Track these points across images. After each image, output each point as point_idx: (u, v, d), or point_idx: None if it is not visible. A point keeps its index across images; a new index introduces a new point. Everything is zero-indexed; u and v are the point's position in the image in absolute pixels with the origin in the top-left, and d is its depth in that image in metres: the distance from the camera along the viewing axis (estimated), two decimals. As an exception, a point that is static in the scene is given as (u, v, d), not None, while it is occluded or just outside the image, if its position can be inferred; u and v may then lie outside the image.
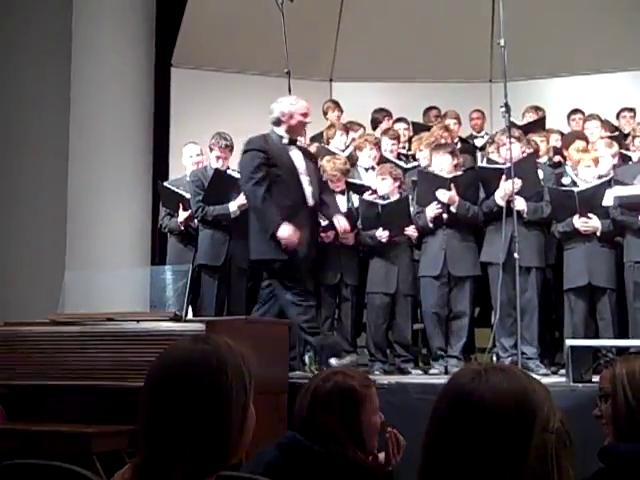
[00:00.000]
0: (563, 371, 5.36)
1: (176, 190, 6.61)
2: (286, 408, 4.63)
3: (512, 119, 6.43)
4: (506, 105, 5.54)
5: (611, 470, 2.25)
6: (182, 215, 6.48)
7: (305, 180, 5.72)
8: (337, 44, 9.98)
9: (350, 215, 6.14)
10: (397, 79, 9.71)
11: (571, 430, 1.47)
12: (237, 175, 6.23)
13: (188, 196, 6.47)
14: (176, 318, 4.67)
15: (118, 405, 4.31)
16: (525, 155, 6.20)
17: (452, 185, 6.06)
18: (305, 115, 5.78)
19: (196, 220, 6.49)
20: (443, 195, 6.07)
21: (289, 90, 6.57)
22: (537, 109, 8.06)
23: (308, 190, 5.72)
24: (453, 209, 6.09)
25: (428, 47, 9.60)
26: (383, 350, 6.36)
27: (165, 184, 6.93)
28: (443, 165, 6.27)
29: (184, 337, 1.85)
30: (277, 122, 5.75)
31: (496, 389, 1.43)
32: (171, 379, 1.60)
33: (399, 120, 8.16)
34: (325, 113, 8.29)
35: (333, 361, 5.41)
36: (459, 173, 6.24)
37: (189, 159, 6.96)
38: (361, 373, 2.91)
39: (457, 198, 6.06)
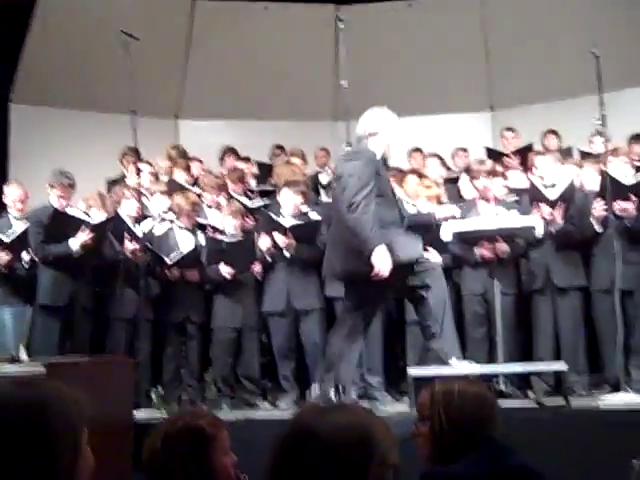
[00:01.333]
0: (407, 400, 5.48)
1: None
2: (131, 447, 4.50)
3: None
4: (349, 144, 5.69)
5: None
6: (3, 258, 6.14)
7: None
8: (185, 81, 9.98)
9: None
10: (243, 118, 9.80)
11: (414, 457, 1.52)
12: (78, 214, 6.08)
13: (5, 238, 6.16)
14: (14, 360, 4.49)
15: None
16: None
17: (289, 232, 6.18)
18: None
19: (37, 259, 6.25)
20: (279, 239, 6.19)
21: (134, 129, 6.48)
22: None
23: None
24: (287, 254, 6.21)
25: (274, 86, 9.76)
26: (231, 385, 6.34)
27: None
28: (291, 202, 6.39)
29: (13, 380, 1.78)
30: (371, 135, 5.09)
31: (337, 426, 1.47)
32: None
33: (244, 159, 8.22)
34: (169, 157, 8.24)
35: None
36: (295, 223, 6.32)
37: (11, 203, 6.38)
38: (212, 414, 2.88)
39: (294, 243, 6.17)
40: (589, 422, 4.42)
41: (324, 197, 7.38)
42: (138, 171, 6.47)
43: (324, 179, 8.12)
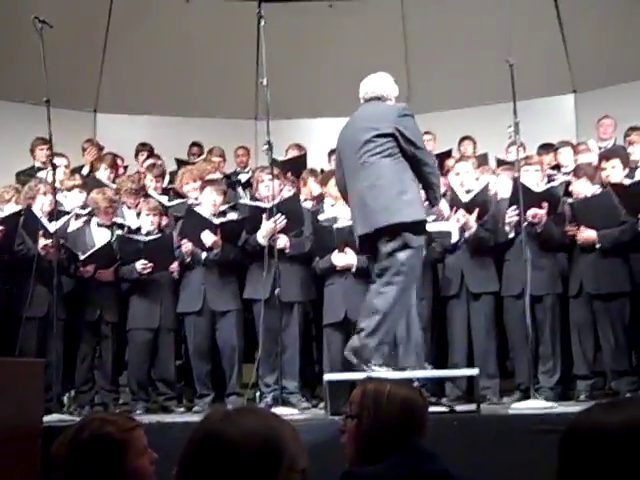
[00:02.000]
0: (323, 404, 5.50)
1: None
2: (40, 454, 4.39)
3: (275, 156, 6.61)
4: (268, 143, 5.66)
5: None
6: None
7: None
8: (102, 75, 9.80)
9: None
10: (163, 113, 9.69)
11: (328, 461, 1.53)
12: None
13: None
14: None
15: None
16: (291, 194, 6.39)
17: (218, 230, 6.12)
18: None
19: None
20: (207, 237, 6.11)
21: (48, 119, 6.31)
22: (299, 147, 8.34)
23: None
24: (214, 252, 6.15)
25: (195, 83, 9.68)
26: (146, 388, 6.26)
27: None
28: (212, 201, 6.33)
29: None
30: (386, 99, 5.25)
31: (244, 430, 1.47)
32: None
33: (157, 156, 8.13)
34: (84, 150, 8.10)
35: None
36: (225, 220, 6.28)
37: None
38: (123, 416, 2.80)
39: (220, 243, 6.13)
40: (498, 428, 4.51)
41: (243, 196, 7.33)
42: (53, 165, 6.31)
43: (244, 178, 8.08)
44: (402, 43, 9.82)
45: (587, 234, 5.85)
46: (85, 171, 7.76)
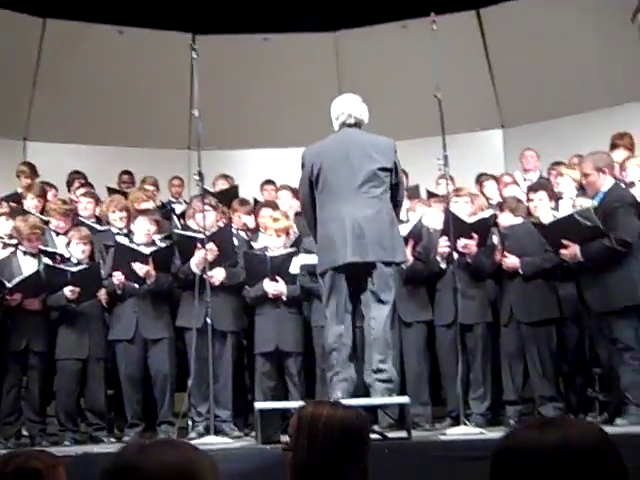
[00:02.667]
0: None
1: None
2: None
3: (206, 187, 6.61)
4: (199, 173, 5.67)
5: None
6: None
7: None
8: (33, 103, 9.69)
9: None
10: (94, 142, 9.61)
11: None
12: None
13: None
14: None
15: None
16: (222, 225, 6.41)
17: (149, 259, 6.08)
18: None
19: None
20: (140, 269, 6.06)
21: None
22: (227, 177, 8.39)
23: None
24: (149, 282, 6.11)
25: (127, 113, 9.64)
26: (74, 419, 6.14)
27: None
28: (145, 230, 6.30)
29: None
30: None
31: (160, 462, 1.46)
32: None
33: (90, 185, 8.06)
34: (18, 176, 7.98)
35: None
36: (155, 248, 6.24)
37: None
38: (47, 453, 2.75)
39: (153, 273, 6.08)
40: (428, 454, 4.55)
41: (178, 226, 7.29)
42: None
43: (179, 209, 8.04)
44: (335, 77, 9.95)
45: (511, 261, 6.00)
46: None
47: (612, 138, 7.60)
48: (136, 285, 6.14)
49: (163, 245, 6.37)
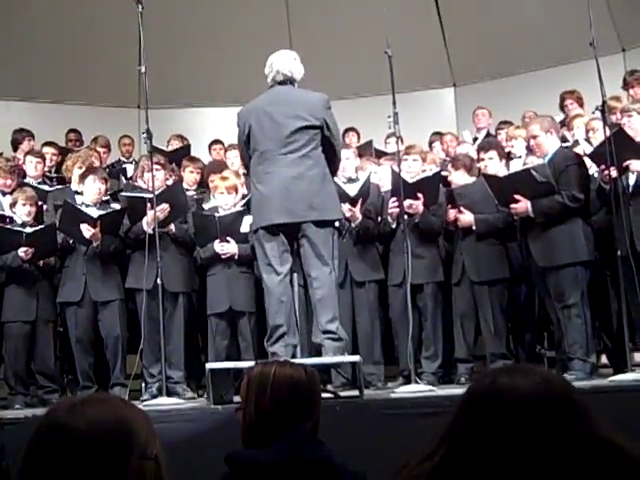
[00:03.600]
0: (207, 394, 5.47)
1: None
2: None
3: (158, 146, 6.50)
4: (147, 131, 5.56)
5: (235, 476, 2.27)
6: None
7: None
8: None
9: None
10: (44, 100, 9.39)
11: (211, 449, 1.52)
12: None
13: None
14: None
15: None
16: (171, 183, 6.33)
17: (97, 222, 5.98)
18: None
19: None
20: (87, 231, 5.95)
21: None
22: (181, 137, 8.27)
23: None
24: (94, 244, 6.02)
25: (74, 68, 9.41)
26: (24, 382, 6.07)
27: None
28: (96, 190, 6.19)
29: None
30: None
31: (92, 420, 1.43)
32: None
33: (47, 144, 7.87)
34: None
35: None
36: (104, 212, 6.13)
37: None
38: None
39: (100, 236, 5.98)
40: (379, 412, 4.59)
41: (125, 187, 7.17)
42: None
43: (130, 169, 7.92)
44: (286, 33, 9.83)
45: (467, 217, 6.03)
46: None
47: (561, 94, 7.68)
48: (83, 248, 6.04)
49: (115, 207, 6.27)
